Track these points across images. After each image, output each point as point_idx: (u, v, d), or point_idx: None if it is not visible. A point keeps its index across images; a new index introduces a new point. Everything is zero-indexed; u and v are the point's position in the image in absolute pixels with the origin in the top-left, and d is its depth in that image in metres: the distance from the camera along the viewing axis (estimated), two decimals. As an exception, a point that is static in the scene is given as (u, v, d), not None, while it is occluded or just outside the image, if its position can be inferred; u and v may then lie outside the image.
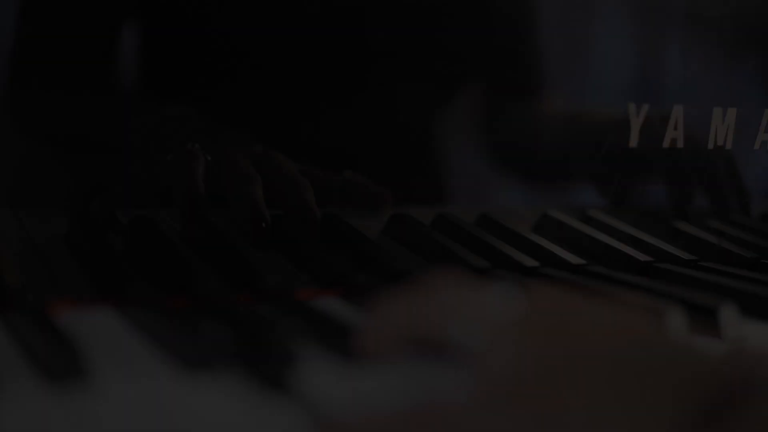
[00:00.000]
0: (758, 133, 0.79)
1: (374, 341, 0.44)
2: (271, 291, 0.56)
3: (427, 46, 0.68)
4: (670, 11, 0.75)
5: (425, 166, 0.72)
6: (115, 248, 0.60)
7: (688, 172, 0.79)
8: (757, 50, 0.79)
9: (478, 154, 0.74)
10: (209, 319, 0.51)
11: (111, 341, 0.47)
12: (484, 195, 0.76)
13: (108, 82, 0.59)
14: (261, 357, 0.44)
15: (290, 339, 0.44)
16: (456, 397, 0.37)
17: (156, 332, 0.47)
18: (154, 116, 0.60)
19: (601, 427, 0.34)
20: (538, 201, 0.77)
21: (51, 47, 0.57)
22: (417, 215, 0.71)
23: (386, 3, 0.66)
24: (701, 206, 0.82)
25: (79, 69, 0.58)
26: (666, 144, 0.76)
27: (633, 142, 0.75)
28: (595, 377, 0.35)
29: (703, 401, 0.33)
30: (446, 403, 0.36)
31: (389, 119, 0.68)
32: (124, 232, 0.61)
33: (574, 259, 0.70)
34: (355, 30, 0.66)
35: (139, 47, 0.59)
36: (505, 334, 0.39)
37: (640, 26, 0.76)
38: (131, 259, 0.59)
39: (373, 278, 0.61)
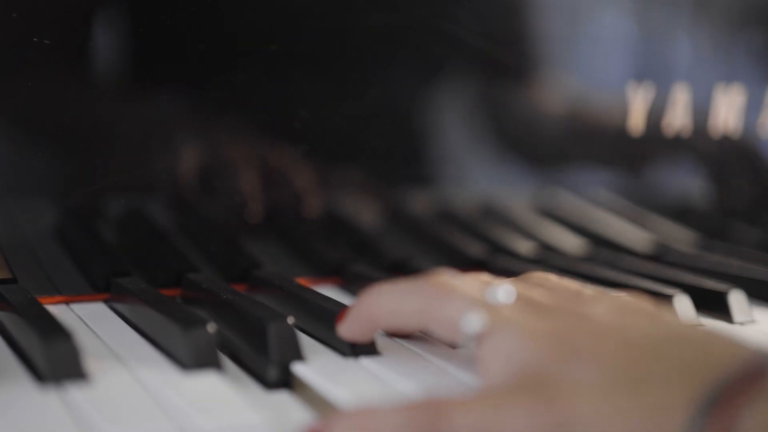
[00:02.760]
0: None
1: (350, 328, 0.44)
2: (267, 280, 0.55)
3: (420, 30, 0.66)
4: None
5: (420, 150, 0.70)
6: (106, 240, 0.58)
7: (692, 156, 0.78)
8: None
9: (473, 139, 0.72)
10: (204, 310, 0.50)
11: (104, 335, 0.46)
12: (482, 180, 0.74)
13: (94, 68, 0.57)
14: (258, 348, 0.42)
15: (288, 329, 0.43)
16: (459, 392, 0.35)
17: (150, 326, 0.46)
18: (142, 103, 0.58)
19: (614, 412, 0.32)
20: (538, 186, 0.75)
21: (31, 35, 0.55)
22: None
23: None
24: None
25: (61, 56, 0.56)
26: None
27: (633, 123, 0.73)
28: (604, 361, 0.34)
29: (718, 382, 0.32)
30: (449, 399, 0.35)
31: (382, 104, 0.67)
32: (115, 224, 0.59)
33: (575, 246, 0.69)
34: (348, 15, 0.64)
35: (123, 32, 0.57)
36: (499, 326, 0.37)
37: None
38: (123, 252, 0.58)
39: (370, 266, 0.59)
